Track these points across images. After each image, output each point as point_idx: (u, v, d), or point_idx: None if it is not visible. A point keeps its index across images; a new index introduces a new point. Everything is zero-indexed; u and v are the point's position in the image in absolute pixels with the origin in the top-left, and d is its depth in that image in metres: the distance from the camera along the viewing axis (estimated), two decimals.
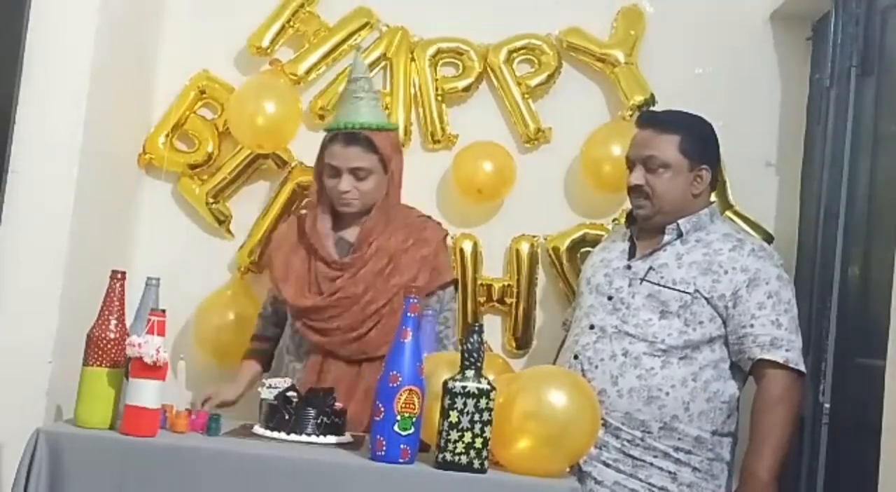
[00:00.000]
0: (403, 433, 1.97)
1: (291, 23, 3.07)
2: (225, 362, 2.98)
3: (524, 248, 3.05)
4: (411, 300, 2.04)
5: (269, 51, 3.06)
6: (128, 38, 2.89)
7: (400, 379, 1.98)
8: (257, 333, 2.73)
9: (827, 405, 2.57)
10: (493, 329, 3.06)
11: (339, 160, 2.51)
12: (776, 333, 2.29)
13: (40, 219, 2.60)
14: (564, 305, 2.96)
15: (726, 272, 2.32)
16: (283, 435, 2.15)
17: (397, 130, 2.71)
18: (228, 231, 3.08)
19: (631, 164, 2.42)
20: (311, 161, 3.06)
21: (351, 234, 2.58)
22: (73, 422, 2.06)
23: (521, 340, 3.04)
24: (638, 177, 2.38)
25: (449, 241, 2.91)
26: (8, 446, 2.48)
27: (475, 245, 3.04)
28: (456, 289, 2.78)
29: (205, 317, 3.00)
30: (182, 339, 3.05)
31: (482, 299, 3.03)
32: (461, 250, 3.01)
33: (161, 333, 2.00)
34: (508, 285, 3.04)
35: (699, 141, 2.41)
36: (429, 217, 2.72)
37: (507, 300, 3.04)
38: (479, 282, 3.03)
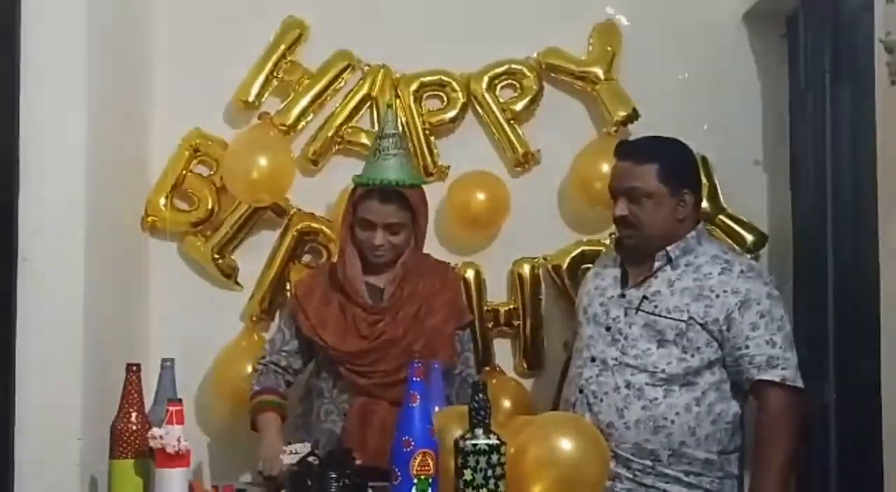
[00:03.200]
0: None
1: (275, 73, 3.13)
2: (245, 412, 3.07)
3: (525, 270, 3.12)
4: (416, 365, 2.12)
5: (255, 104, 3.12)
6: (118, 103, 2.94)
7: (413, 444, 2.06)
8: (270, 386, 2.68)
9: (832, 403, 2.64)
10: (504, 352, 3.14)
11: (375, 216, 2.62)
12: (771, 352, 2.35)
13: (55, 298, 2.64)
14: (571, 321, 3.03)
15: (718, 296, 2.38)
16: None
17: (423, 184, 2.77)
18: (237, 283, 3.16)
19: (614, 195, 2.48)
20: (308, 207, 3.16)
21: (379, 280, 2.68)
22: None
23: (532, 359, 3.12)
24: (622, 208, 2.44)
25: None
26: None
27: (478, 272, 3.11)
28: (473, 329, 2.87)
29: (223, 369, 3.09)
30: (203, 390, 3.14)
31: (490, 324, 3.11)
32: (464, 279, 3.08)
33: (180, 422, 2.09)
34: (514, 308, 3.11)
35: (677, 166, 2.46)
36: (442, 261, 2.83)
37: (515, 323, 3.11)
38: (485, 308, 3.10)
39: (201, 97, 3.16)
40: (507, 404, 2.98)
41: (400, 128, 2.81)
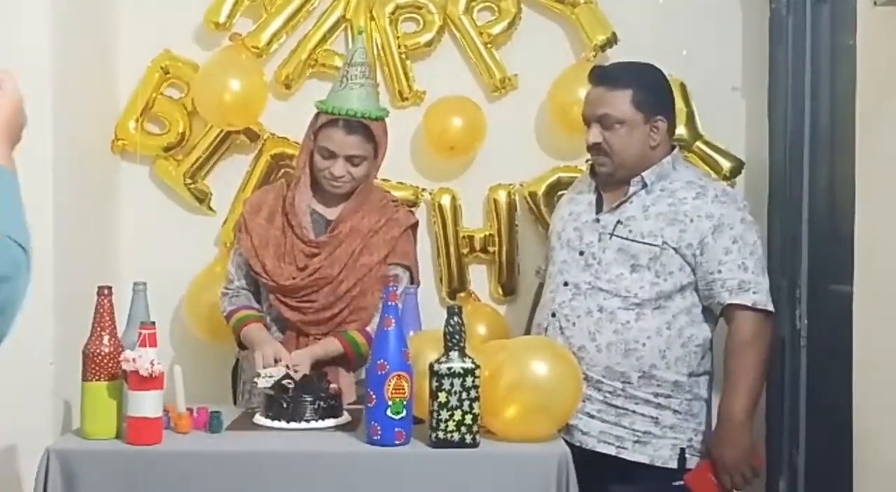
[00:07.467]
0: (396, 417, 2.06)
1: None
2: (219, 336, 3.06)
3: (502, 196, 3.10)
4: (391, 289, 2.11)
5: (227, 25, 3.05)
6: (84, 25, 2.88)
7: (387, 366, 2.06)
8: (244, 304, 2.62)
9: (804, 329, 2.67)
10: (480, 278, 3.14)
11: (337, 146, 2.56)
12: (743, 276, 2.36)
13: None
14: (546, 248, 3.02)
15: (692, 221, 2.38)
16: (283, 423, 2.24)
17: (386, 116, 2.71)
18: (210, 208, 3.13)
19: (587, 122, 2.46)
20: (282, 132, 3.11)
21: (329, 212, 2.64)
22: (80, 433, 2.15)
23: (507, 286, 3.12)
24: (595, 135, 2.42)
25: (427, 200, 3.04)
26: (23, 445, 2.57)
27: (453, 198, 3.09)
28: (412, 279, 2.65)
29: (197, 295, 3.07)
30: (177, 316, 3.13)
31: (465, 251, 3.10)
32: (440, 205, 3.07)
33: (153, 344, 2.07)
34: (490, 235, 3.10)
35: (651, 92, 2.44)
36: (402, 204, 2.77)
37: (490, 249, 3.11)
38: (460, 234, 3.09)
39: (171, 18, 3.09)
40: (482, 330, 2.98)
41: (369, 57, 2.75)
